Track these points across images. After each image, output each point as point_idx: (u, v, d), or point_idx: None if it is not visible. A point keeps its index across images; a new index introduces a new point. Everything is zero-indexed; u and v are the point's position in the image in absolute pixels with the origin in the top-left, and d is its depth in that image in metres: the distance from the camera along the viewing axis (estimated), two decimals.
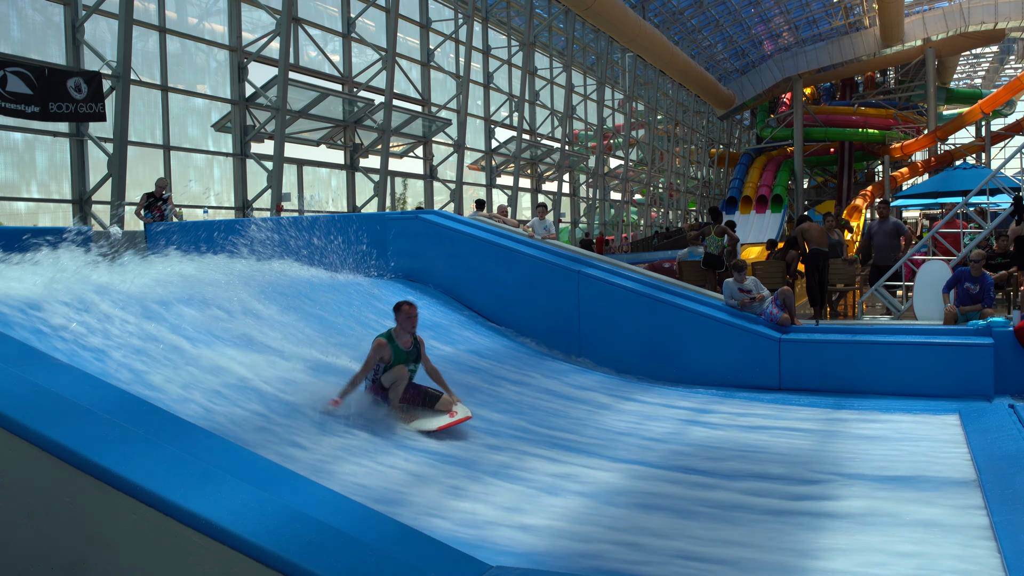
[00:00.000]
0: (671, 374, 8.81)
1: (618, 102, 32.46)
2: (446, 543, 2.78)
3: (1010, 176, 17.46)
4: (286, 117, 14.83)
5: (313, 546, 2.52)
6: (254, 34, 15.36)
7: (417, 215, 10.32)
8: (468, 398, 6.32)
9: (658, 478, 5.26)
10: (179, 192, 14.07)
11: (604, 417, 6.94)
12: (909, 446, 6.06)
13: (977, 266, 8.90)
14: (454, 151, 20.78)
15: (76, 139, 12.25)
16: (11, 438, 2.85)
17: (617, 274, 9.51)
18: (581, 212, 28.73)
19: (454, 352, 8.05)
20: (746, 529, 4.36)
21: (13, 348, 3.61)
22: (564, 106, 26.36)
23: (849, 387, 8.23)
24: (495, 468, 5.19)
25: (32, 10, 12.05)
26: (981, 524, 4.32)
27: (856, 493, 4.95)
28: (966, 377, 7.89)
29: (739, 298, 9.02)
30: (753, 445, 6.16)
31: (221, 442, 3.19)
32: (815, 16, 35.71)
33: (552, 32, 26.12)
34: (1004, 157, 26.20)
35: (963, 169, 20.70)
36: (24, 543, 2.87)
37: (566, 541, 4.14)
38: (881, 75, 43.71)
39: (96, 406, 3.10)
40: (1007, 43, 42.74)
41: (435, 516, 4.27)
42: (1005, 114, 42.33)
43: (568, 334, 9.35)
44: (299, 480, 3.03)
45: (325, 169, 17.62)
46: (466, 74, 20.64)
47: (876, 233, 11.27)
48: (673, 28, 31.38)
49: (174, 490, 2.66)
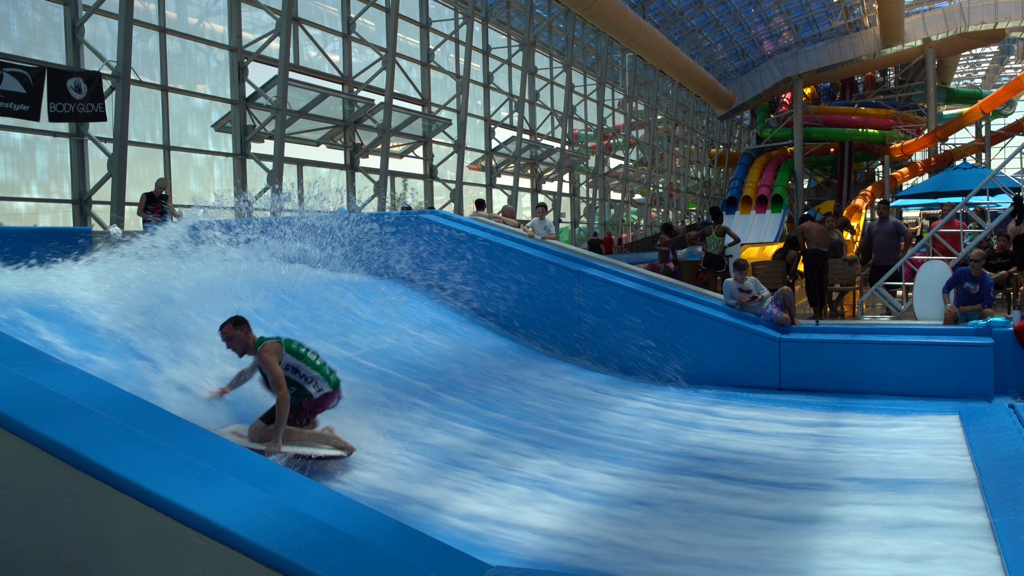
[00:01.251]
0: (671, 374, 8.81)
1: (618, 102, 32.45)
2: (446, 543, 2.78)
3: (1010, 176, 17.45)
4: (286, 117, 14.82)
5: (313, 546, 2.52)
6: (254, 34, 15.36)
7: (417, 215, 10.33)
8: (468, 397, 6.34)
9: (658, 479, 5.26)
10: (179, 193, 14.08)
11: (604, 417, 6.94)
12: (909, 446, 6.06)
13: (977, 266, 8.90)
14: (454, 151, 20.78)
15: (76, 139, 12.24)
16: (11, 438, 2.85)
17: (617, 274, 9.51)
18: (581, 212, 28.72)
19: (454, 351, 8.05)
20: (745, 530, 4.36)
21: (13, 348, 3.61)
22: (564, 106, 26.36)
23: (849, 387, 8.24)
24: (494, 468, 5.19)
25: (32, 10, 12.05)
26: (981, 524, 4.32)
27: (856, 494, 4.95)
28: (966, 377, 7.89)
29: (739, 298, 9.02)
30: (753, 446, 6.16)
31: (221, 442, 3.19)
32: (815, 16, 35.69)
33: (552, 32, 26.12)
34: (1004, 157, 26.20)
35: (963, 169, 20.70)
36: (24, 543, 2.87)
37: (565, 541, 4.15)
38: (881, 75, 43.70)
39: (96, 406, 3.10)
40: (1007, 43, 42.72)
41: (434, 516, 4.28)
42: (1005, 114, 42.30)
43: (568, 334, 9.36)
44: (299, 480, 3.03)
45: (325, 169, 17.62)
46: (466, 74, 20.64)
47: (876, 233, 11.28)
48: (673, 28, 31.37)
49: (174, 490, 2.66)
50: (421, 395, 6.45)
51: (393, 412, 5.85)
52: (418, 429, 5.70)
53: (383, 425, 5.54)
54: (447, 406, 6.35)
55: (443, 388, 6.77)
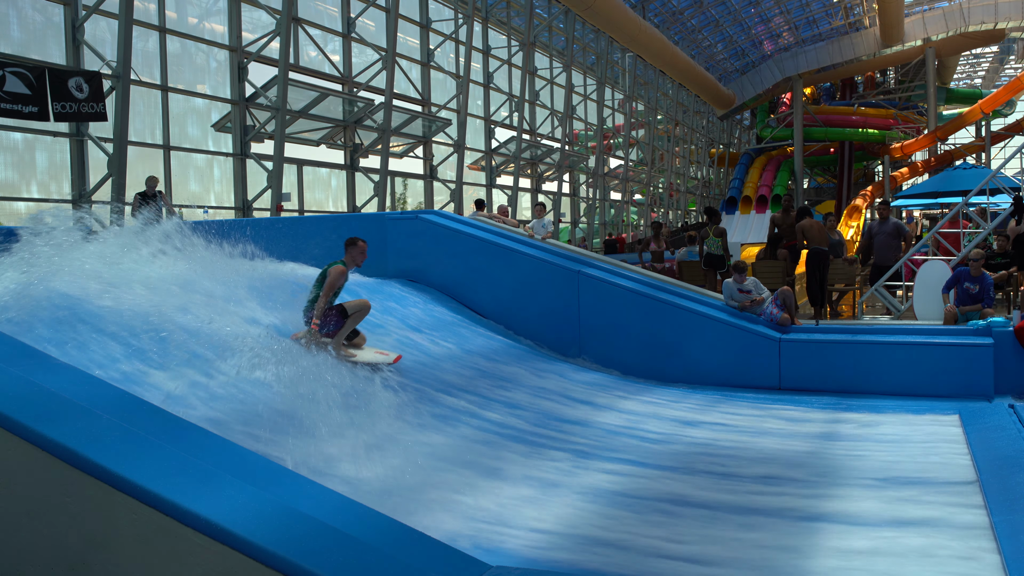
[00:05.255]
0: (671, 374, 8.81)
1: (618, 102, 32.44)
2: (446, 543, 2.78)
3: (1010, 176, 17.44)
4: (286, 117, 14.82)
5: (313, 546, 2.52)
6: (254, 34, 15.36)
7: (417, 215, 10.33)
8: (468, 397, 6.34)
9: (658, 479, 5.26)
10: (179, 193, 14.08)
11: (604, 417, 6.94)
12: (909, 446, 6.06)
13: (977, 266, 8.90)
14: (454, 151, 20.77)
15: (76, 139, 12.24)
16: (11, 438, 2.84)
17: (617, 274, 9.51)
18: (581, 212, 28.72)
19: (454, 351, 8.05)
20: (746, 530, 4.36)
21: (13, 348, 3.61)
22: (564, 106, 26.35)
23: (849, 387, 8.24)
24: (495, 468, 5.19)
25: (32, 10, 12.05)
26: (981, 524, 4.33)
27: (856, 493, 4.95)
28: (966, 377, 7.90)
29: (739, 299, 9.01)
30: (753, 446, 6.16)
31: (221, 442, 3.18)
32: (815, 16, 35.69)
33: (552, 32, 26.11)
34: (1004, 157, 26.19)
35: (963, 169, 20.69)
36: (24, 543, 2.86)
37: (565, 541, 4.15)
38: (881, 75, 43.68)
39: (96, 406, 3.10)
40: (1007, 43, 42.69)
41: (434, 516, 4.28)
42: (1005, 114, 42.29)
43: (568, 334, 9.35)
44: (300, 480, 3.03)
45: (325, 169, 17.62)
46: (466, 74, 20.64)
47: (877, 233, 11.27)
48: (673, 28, 31.36)
49: (174, 490, 2.65)
50: (420, 395, 6.45)
51: (393, 412, 5.85)
52: (417, 429, 5.70)
53: (383, 426, 5.54)
54: (446, 406, 6.35)
55: (441, 388, 6.76)
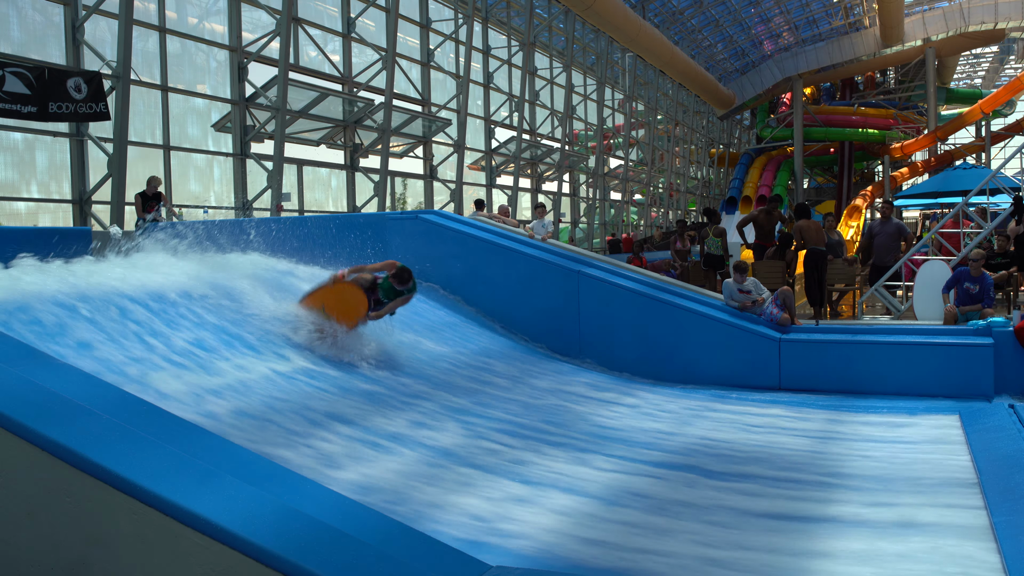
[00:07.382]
0: (671, 374, 8.80)
1: (618, 102, 32.44)
2: (446, 543, 2.78)
3: (1010, 176, 17.45)
4: (286, 117, 14.82)
5: (313, 546, 2.52)
6: (254, 34, 15.36)
7: (417, 215, 10.32)
8: (467, 397, 6.33)
9: (658, 478, 5.26)
10: (180, 193, 14.07)
11: (604, 417, 6.94)
12: (909, 446, 6.06)
13: (976, 266, 8.90)
14: (454, 151, 20.77)
15: (76, 139, 12.24)
16: (11, 438, 2.84)
17: (617, 274, 9.51)
18: (581, 212, 28.71)
19: (454, 351, 8.05)
20: (745, 530, 4.36)
21: (13, 348, 3.61)
22: (564, 106, 26.35)
23: (849, 387, 8.24)
24: (495, 467, 5.19)
25: (32, 10, 12.04)
26: (981, 524, 4.32)
27: (855, 494, 4.95)
28: (966, 377, 7.90)
29: (739, 299, 9.01)
30: (752, 446, 6.16)
31: (221, 442, 3.19)
32: (815, 16, 35.69)
33: (552, 32, 26.11)
34: (1004, 157, 26.19)
35: (963, 169, 20.70)
36: (24, 543, 2.86)
37: (566, 540, 4.14)
38: (881, 75, 43.67)
39: (96, 406, 3.10)
40: (1007, 43, 42.69)
41: (434, 515, 4.27)
42: (1005, 114, 42.29)
43: (568, 334, 9.35)
44: (299, 480, 3.04)
45: (325, 169, 17.62)
46: (466, 74, 20.63)
47: (878, 233, 11.27)
48: (673, 28, 31.35)
49: (174, 490, 2.66)
50: (420, 395, 6.45)
51: (392, 412, 5.85)
52: (417, 429, 5.70)
53: (382, 426, 5.55)
54: (446, 406, 6.35)
55: (441, 388, 6.77)
